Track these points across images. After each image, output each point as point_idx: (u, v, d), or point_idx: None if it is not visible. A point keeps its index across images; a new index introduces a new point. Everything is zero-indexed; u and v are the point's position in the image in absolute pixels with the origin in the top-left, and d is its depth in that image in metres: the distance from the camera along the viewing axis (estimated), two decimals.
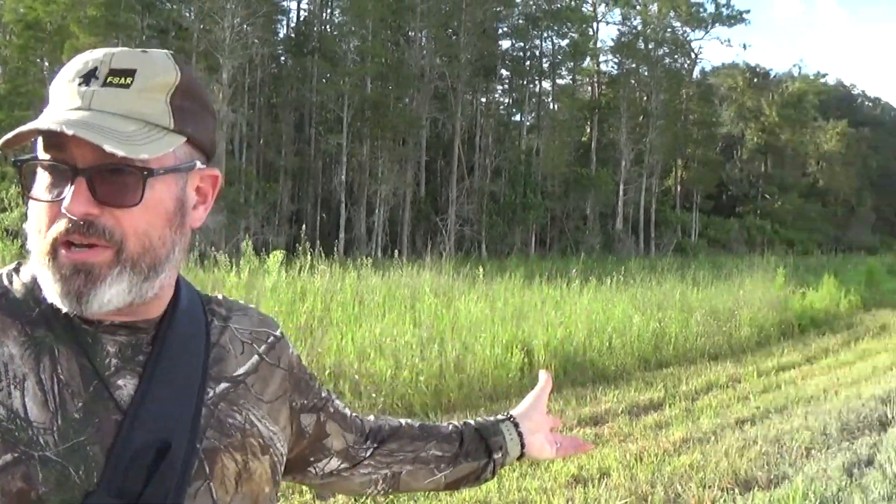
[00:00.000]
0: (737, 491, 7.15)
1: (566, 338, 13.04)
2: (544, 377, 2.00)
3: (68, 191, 1.21)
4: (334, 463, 1.66)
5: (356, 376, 9.83)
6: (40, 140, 1.23)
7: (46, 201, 1.23)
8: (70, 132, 1.16)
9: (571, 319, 14.07)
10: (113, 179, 1.23)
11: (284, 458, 1.51)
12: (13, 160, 1.26)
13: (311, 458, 1.64)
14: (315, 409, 1.61)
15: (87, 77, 1.25)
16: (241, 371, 1.44)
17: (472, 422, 1.89)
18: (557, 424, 1.99)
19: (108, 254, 1.24)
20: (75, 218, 1.21)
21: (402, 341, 11.11)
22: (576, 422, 9.66)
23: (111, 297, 1.25)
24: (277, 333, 1.53)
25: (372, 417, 1.79)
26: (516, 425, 1.89)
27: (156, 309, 1.34)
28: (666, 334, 15.04)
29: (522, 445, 1.88)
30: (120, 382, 1.28)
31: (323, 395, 1.65)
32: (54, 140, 1.20)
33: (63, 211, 1.21)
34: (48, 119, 1.20)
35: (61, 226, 1.22)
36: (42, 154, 1.24)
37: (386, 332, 11.44)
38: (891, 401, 10.92)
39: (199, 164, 1.33)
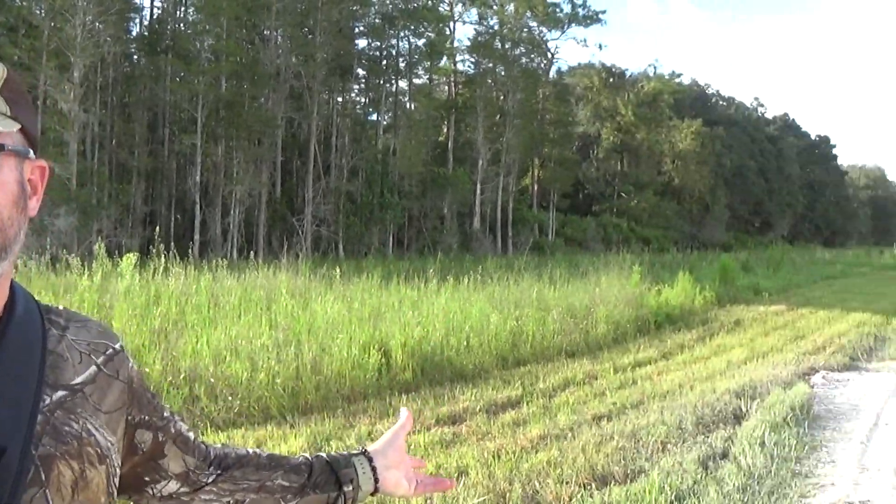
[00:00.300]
0: (594, 486, 7.43)
1: (424, 337, 13.24)
2: (405, 415, 2.01)
3: None
4: (173, 486, 1.66)
5: (212, 379, 9.90)
6: None
7: None
8: None
9: (429, 319, 14.36)
10: None
11: (119, 471, 1.50)
12: None
13: (147, 479, 1.63)
14: (153, 427, 1.61)
15: None
16: (78, 380, 1.43)
17: (324, 454, 1.89)
18: (421, 465, 2.03)
19: None
20: None
21: (258, 343, 11.28)
22: (434, 421, 9.78)
23: None
24: (117, 346, 1.53)
25: (219, 445, 1.78)
26: (370, 460, 1.90)
27: None
28: (523, 333, 15.37)
29: (376, 480, 1.89)
30: None
31: (165, 414, 1.64)
32: None
33: None
34: None
35: None
36: None
37: (242, 335, 11.62)
38: (745, 394, 11.51)
39: (31, 154, 1.38)
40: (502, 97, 65.12)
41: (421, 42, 59.86)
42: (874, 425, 10.53)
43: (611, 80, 78.68)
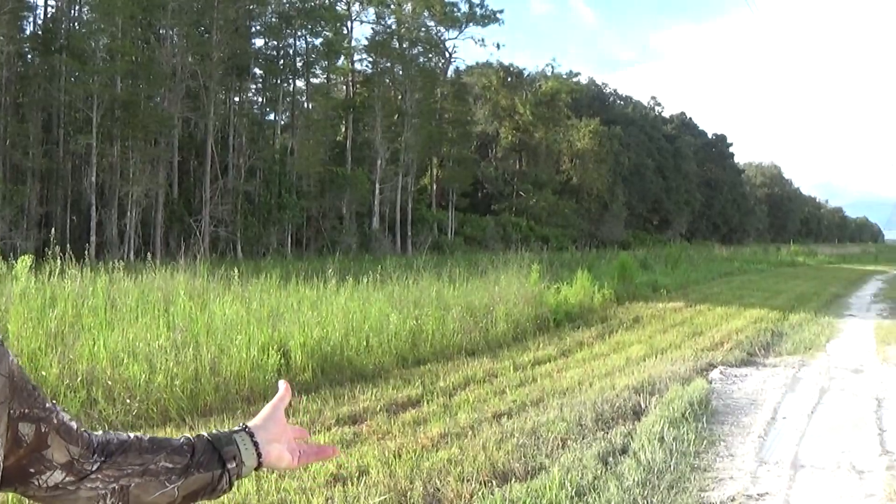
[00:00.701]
0: (494, 483, 7.59)
1: (323, 338, 13.38)
2: (283, 387, 2.04)
3: None
4: (58, 476, 1.66)
5: (109, 382, 9.86)
6: None
7: None
8: None
9: (328, 319, 14.46)
10: None
11: (2, 464, 1.53)
12: None
13: (32, 470, 1.64)
14: (35, 419, 1.62)
15: None
16: None
17: (205, 434, 1.90)
18: (303, 435, 2.05)
19: None
20: None
21: (156, 345, 11.26)
22: (334, 421, 9.89)
23: None
24: None
25: (100, 432, 1.78)
26: (251, 435, 1.92)
27: None
28: (423, 332, 15.51)
29: (259, 455, 1.91)
30: None
31: (47, 405, 1.65)
32: None
33: None
34: None
35: None
36: None
37: (139, 337, 11.58)
38: (644, 390, 11.74)
39: None
40: (400, 96, 65.88)
41: (318, 41, 60.15)
42: (772, 419, 10.88)
43: (509, 79, 79.55)
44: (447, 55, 72.66)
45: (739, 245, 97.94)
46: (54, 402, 1.70)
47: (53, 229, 22.89)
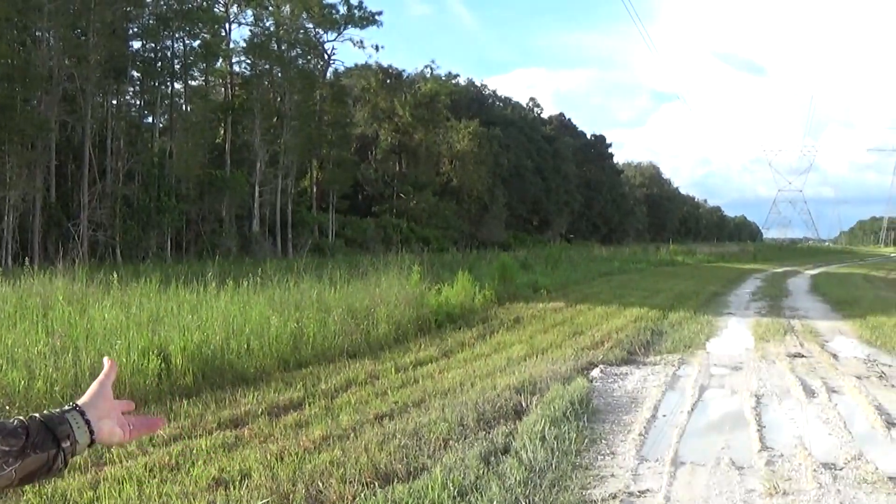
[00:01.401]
0: (377, 484, 7.68)
1: (204, 341, 13.40)
2: (107, 364, 2.13)
3: None
4: None
5: None
6: None
7: None
8: None
9: (209, 323, 14.50)
10: None
11: None
12: None
13: None
14: None
15: None
16: None
17: (37, 415, 1.96)
18: (129, 407, 2.14)
19: None
20: None
21: (35, 351, 11.27)
22: (215, 425, 9.94)
23: None
24: None
25: None
26: (83, 413, 2.00)
27: None
28: (304, 334, 15.69)
29: (91, 432, 1.98)
30: None
31: None
32: None
33: None
34: None
35: None
36: None
37: (18, 343, 11.58)
38: (525, 390, 11.94)
39: None
40: (279, 99, 66.41)
41: (196, 43, 60.12)
42: (652, 417, 11.08)
43: (388, 81, 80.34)
44: (326, 57, 74.00)
45: (619, 245, 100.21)
46: None
47: None
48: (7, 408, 9.61)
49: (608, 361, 15.56)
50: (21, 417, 1.96)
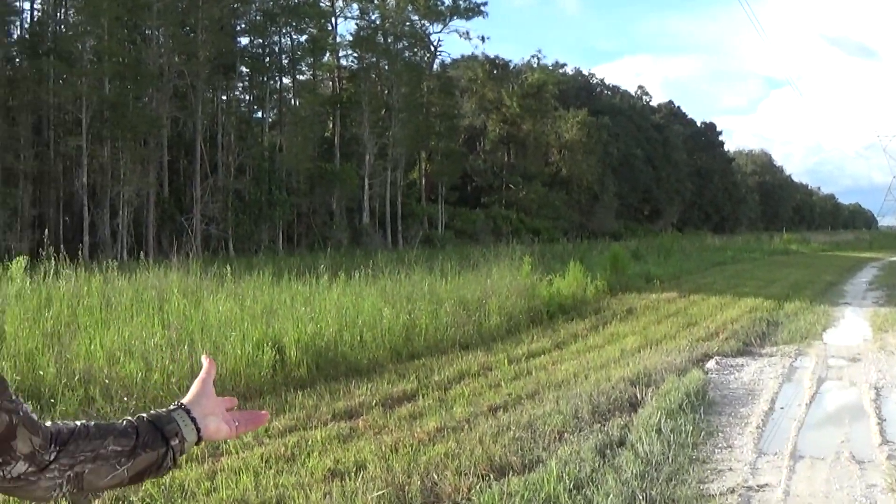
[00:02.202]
0: (492, 477, 7.59)
1: (317, 333, 13.43)
2: (206, 362, 2.12)
3: None
4: (21, 467, 1.71)
5: (107, 380, 9.97)
6: None
7: None
8: None
9: (322, 315, 14.49)
10: None
11: None
12: None
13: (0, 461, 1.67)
14: (5, 410, 1.68)
15: None
16: None
17: (145, 415, 1.98)
18: (233, 404, 2.15)
19: None
20: None
21: (152, 343, 11.37)
22: (330, 416, 9.94)
23: None
24: None
25: (49, 423, 1.83)
26: (188, 411, 2.01)
27: None
28: (416, 326, 15.52)
29: (198, 430, 1.99)
30: None
31: (13, 397, 1.71)
32: None
33: None
34: None
35: None
36: None
37: (135, 335, 11.71)
38: (640, 382, 11.69)
39: None
40: (387, 91, 66.19)
41: (303, 38, 60.44)
42: (769, 409, 10.82)
43: (494, 71, 79.56)
44: (432, 49, 73.53)
45: (732, 234, 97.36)
46: (16, 394, 1.77)
47: (47, 230, 23.04)
48: (125, 399, 9.72)
49: (723, 353, 15.18)
50: (129, 418, 1.95)
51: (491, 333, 16.99)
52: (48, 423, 1.84)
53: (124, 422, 1.95)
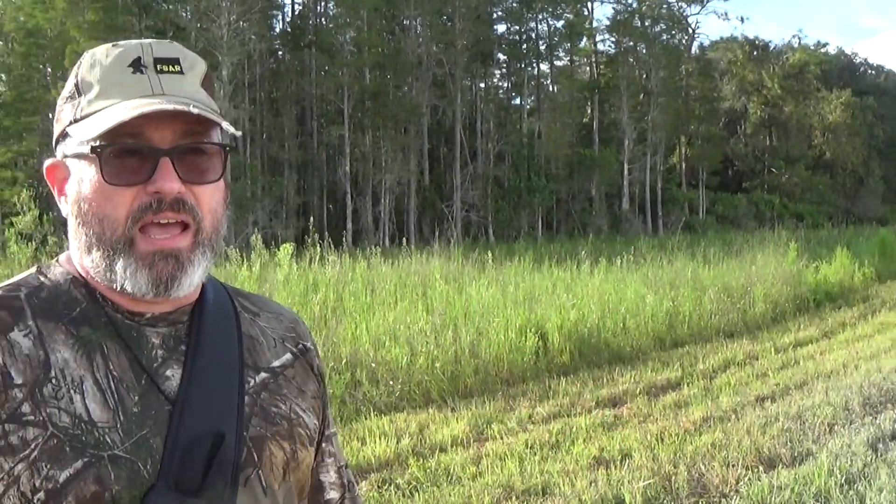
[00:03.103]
0: (761, 469, 7.16)
1: (579, 320, 13.08)
2: None
3: (156, 172, 1.26)
4: (335, 494, 1.64)
5: (373, 364, 10.06)
6: (106, 128, 1.24)
7: (127, 185, 1.27)
8: (195, 111, 1.24)
9: (584, 301, 14.12)
10: (192, 158, 1.30)
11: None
12: (91, 147, 1.26)
13: (321, 480, 1.64)
14: (323, 434, 1.60)
15: (136, 66, 1.31)
16: (277, 363, 1.48)
17: None
18: None
19: (189, 236, 1.30)
20: (168, 197, 1.27)
21: (416, 328, 11.31)
22: (593, 403, 9.70)
23: (193, 280, 1.33)
24: (308, 344, 1.57)
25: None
26: None
27: (192, 297, 1.39)
28: (680, 313, 15.08)
29: None
30: (168, 373, 1.33)
31: (332, 429, 1.65)
32: (128, 127, 1.24)
33: (153, 190, 1.26)
34: (139, 104, 1.25)
35: (149, 206, 1.27)
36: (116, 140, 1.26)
37: (399, 320, 11.71)
38: None
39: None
40: (645, 75, 64.01)
41: (560, 24, 59.61)
42: None
43: (754, 53, 76.25)
44: (690, 31, 70.00)
45: None
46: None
47: (311, 217, 23.34)
48: (391, 382, 9.73)
49: None
50: None
51: (756, 321, 16.23)
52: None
53: None
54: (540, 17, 57.91)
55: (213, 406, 1.33)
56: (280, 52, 49.14)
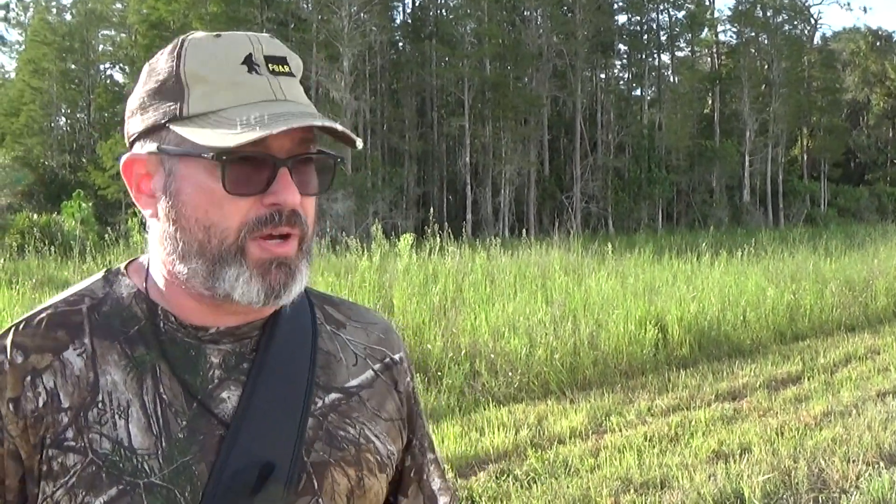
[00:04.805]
0: (882, 465, 6.80)
1: (699, 312, 12.71)
2: None
3: (275, 183, 1.16)
4: None
5: (492, 355, 9.85)
6: (251, 138, 1.12)
7: (244, 195, 1.16)
8: (340, 128, 1.15)
9: (704, 293, 13.80)
10: (304, 168, 1.20)
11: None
12: (212, 155, 1.14)
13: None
14: (410, 460, 1.44)
15: (249, 64, 1.18)
16: (353, 383, 1.34)
17: None
18: None
19: (295, 244, 1.20)
20: (287, 209, 1.17)
21: (535, 319, 11.09)
22: (713, 397, 9.41)
23: (300, 287, 1.22)
24: (397, 357, 1.41)
25: None
26: None
27: (266, 310, 1.25)
28: (801, 306, 14.52)
29: None
30: (224, 395, 1.21)
31: (428, 455, 1.47)
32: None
33: (270, 202, 1.16)
34: (269, 113, 1.14)
35: (268, 219, 1.16)
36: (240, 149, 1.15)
37: (518, 311, 11.47)
38: None
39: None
40: (766, 66, 61.03)
41: (681, 14, 57.86)
42: None
43: (877, 43, 72.41)
44: (812, 21, 67.07)
45: None
46: (435, 454, 1.55)
47: (431, 208, 23.10)
48: (510, 373, 9.50)
49: None
50: None
51: (878, 315, 15.50)
52: None
53: None
54: (661, 7, 56.28)
55: (268, 431, 1.23)
56: (400, 44, 49.25)
